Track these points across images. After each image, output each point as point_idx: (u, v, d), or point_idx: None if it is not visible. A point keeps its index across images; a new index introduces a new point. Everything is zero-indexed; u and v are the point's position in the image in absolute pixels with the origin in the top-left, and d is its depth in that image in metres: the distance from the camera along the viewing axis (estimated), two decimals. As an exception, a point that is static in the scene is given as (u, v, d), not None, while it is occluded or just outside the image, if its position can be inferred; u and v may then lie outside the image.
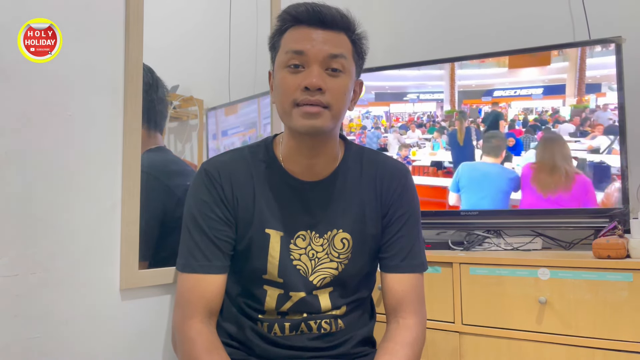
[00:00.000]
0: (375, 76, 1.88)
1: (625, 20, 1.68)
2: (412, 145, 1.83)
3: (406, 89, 1.85)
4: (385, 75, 1.89)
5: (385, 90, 1.89)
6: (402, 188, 1.07)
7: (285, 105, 0.95)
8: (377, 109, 1.88)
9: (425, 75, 1.82)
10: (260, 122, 1.56)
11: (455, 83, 1.76)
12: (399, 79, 1.87)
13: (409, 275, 1.04)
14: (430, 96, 1.81)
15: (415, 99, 1.83)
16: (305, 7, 0.95)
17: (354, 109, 1.14)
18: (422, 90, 1.83)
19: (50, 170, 0.96)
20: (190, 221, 1.00)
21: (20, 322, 0.90)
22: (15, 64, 0.91)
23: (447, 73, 1.78)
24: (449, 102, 1.77)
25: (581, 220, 1.52)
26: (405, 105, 1.84)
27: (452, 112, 1.76)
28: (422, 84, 1.83)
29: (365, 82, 1.81)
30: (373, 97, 1.88)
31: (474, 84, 1.74)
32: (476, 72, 1.75)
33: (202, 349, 0.92)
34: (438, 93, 1.79)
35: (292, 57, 0.94)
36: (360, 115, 1.90)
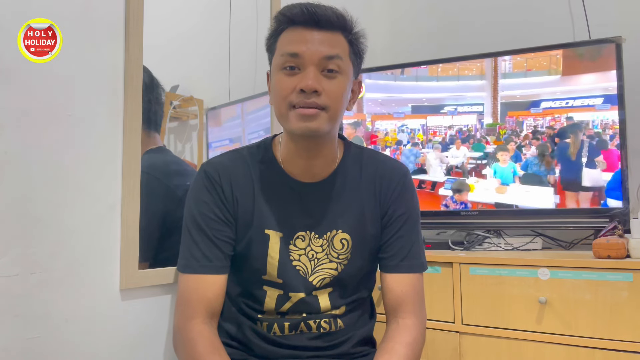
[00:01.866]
0: (412, 88, 1.80)
1: (625, 20, 1.68)
2: (457, 167, 1.66)
3: (443, 101, 1.74)
4: (423, 86, 1.80)
5: (422, 103, 1.78)
6: (401, 188, 1.07)
7: (282, 107, 0.95)
8: (413, 122, 1.78)
9: (464, 85, 1.72)
10: (245, 137, 1.51)
11: (498, 94, 1.64)
12: (436, 91, 1.77)
13: (409, 276, 1.04)
14: (468, 108, 1.69)
15: (454, 111, 1.71)
16: (300, 8, 0.94)
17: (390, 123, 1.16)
18: (459, 102, 1.72)
19: (50, 170, 0.96)
20: (190, 222, 1.00)
21: (20, 322, 0.90)
22: (15, 64, 0.91)
23: (489, 83, 1.66)
24: (490, 114, 1.66)
25: (581, 220, 1.52)
26: (443, 118, 1.72)
27: (495, 125, 1.64)
28: (461, 96, 1.72)
29: (402, 94, 1.79)
30: (410, 110, 1.79)
31: (519, 94, 1.62)
32: (521, 81, 1.62)
33: (203, 350, 0.92)
34: (477, 105, 1.67)
35: (288, 60, 0.94)
36: (396, 128, 1.80)
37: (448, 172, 1.71)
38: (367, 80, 1.84)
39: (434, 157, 1.70)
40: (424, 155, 1.74)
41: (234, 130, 1.51)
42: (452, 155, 1.69)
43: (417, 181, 1.75)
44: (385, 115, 1.83)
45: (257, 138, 1.49)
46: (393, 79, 1.84)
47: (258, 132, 1.54)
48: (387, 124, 1.82)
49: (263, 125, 1.54)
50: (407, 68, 1.82)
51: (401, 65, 1.82)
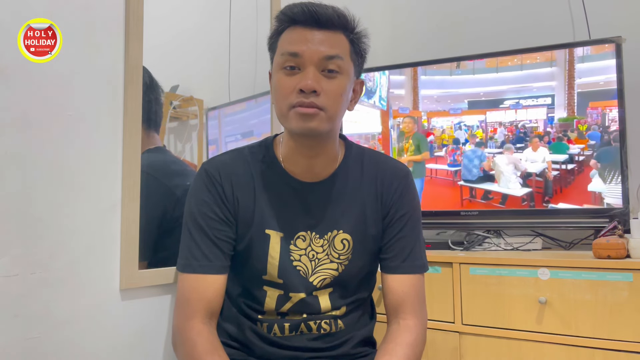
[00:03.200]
0: (466, 82, 1.65)
1: (625, 20, 1.68)
2: (537, 175, 1.41)
3: (504, 94, 1.57)
4: (479, 79, 1.65)
5: (479, 97, 1.63)
6: (402, 188, 1.07)
7: (283, 107, 0.95)
8: (471, 118, 1.61)
9: (529, 75, 1.51)
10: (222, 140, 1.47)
11: (575, 82, 1.39)
12: (495, 83, 1.60)
13: (410, 276, 1.04)
14: (533, 101, 1.47)
15: (517, 104, 1.51)
16: (301, 8, 0.94)
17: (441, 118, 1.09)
18: (522, 95, 1.52)
19: (50, 170, 0.96)
20: (190, 221, 1.00)
21: (20, 322, 0.90)
22: (15, 64, 0.91)
23: (562, 70, 1.40)
24: (564, 106, 1.42)
25: (581, 220, 1.52)
26: (505, 113, 1.54)
27: (571, 119, 1.41)
28: (525, 87, 1.52)
29: (458, 90, 1.66)
30: (466, 105, 1.65)
31: (602, 81, 1.35)
32: (604, 63, 1.35)
33: (203, 350, 0.92)
34: (544, 97, 1.45)
35: (288, 59, 0.94)
36: (452, 125, 1.66)
37: (524, 181, 1.49)
38: (422, 77, 1.76)
39: (506, 161, 1.45)
40: (489, 158, 1.53)
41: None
42: (527, 159, 1.45)
43: (482, 191, 1.56)
44: (441, 112, 1.73)
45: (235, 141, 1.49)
46: (449, 74, 1.72)
47: (235, 135, 1.52)
48: (443, 121, 1.72)
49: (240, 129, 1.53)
50: (463, 61, 1.71)
51: (402, 65, 1.82)
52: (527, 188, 1.54)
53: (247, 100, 1.52)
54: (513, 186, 1.55)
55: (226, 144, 1.48)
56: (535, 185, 1.50)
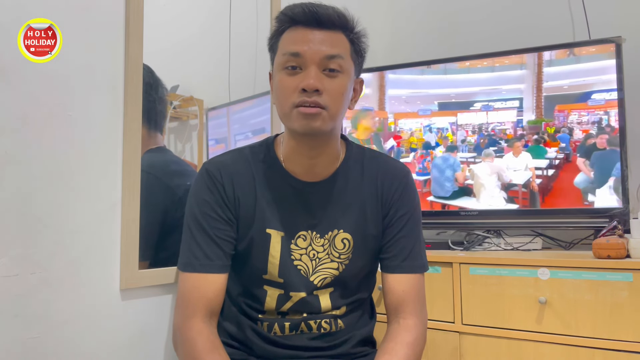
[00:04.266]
0: (437, 82, 1.60)
1: (625, 20, 1.68)
2: (524, 187, 1.36)
3: (475, 96, 1.54)
4: (449, 80, 1.60)
5: (449, 99, 1.58)
6: (403, 188, 1.07)
7: (285, 107, 0.95)
8: (441, 120, 1.56)
9: (500, 77, 1.50)
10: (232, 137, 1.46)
11: (543, 84, 1.41)
12: (466, 84, 1.57)
13: (410, 276, 1.04)
14: (502, 104, 1.46)
15: (488, 106, 1.49)
16: (302, 8, 0.95)
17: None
18: (492, 97, 1.49)
19: (50, 170, 0.96)
20: (191, 221, 1.00)
21: (20, 322, 0.90)
22: (15, 64, 0.91)
23: (531, 73, 1.42)
24: (532, 109, 1.43)
25: (581, 220, 1.52)
26: (476, 115, 1.51)
27: (540, 122, 1.41)
28: (495, 89, 1.50)
29: (428, 90, 1.60)
30: (436, 107, 1.60)
31: (567, 85, 1.38)
32: (570, 68, 1.38)
33: (203, 349, 0.92)
34: (512, 100, 1.45)
35: (289, 59, 0.94)
36: (421, 127, 1.59)
37: (507, 193, 1.43)
38: (389, 75, 1.71)
39: (488, 170, 1.35)
40: (464, 166, 1.46)
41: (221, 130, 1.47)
42: (509, 167, 1.38)
43: (455, 208, 1.49)
44: (409, 114, 1.65)
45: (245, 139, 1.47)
46: (419, 73, 1.67)
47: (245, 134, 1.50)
48: (411, 122, 1.65)
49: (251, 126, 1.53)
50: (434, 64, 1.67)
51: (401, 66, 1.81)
52: (513, 204, 1.48)
53: (257, 97, 1.51)
54: (496, 202, 1.47)
55: (236, 143, 1.46)
56: (522, 197, 1.44)
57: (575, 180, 1.47)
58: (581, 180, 1.47)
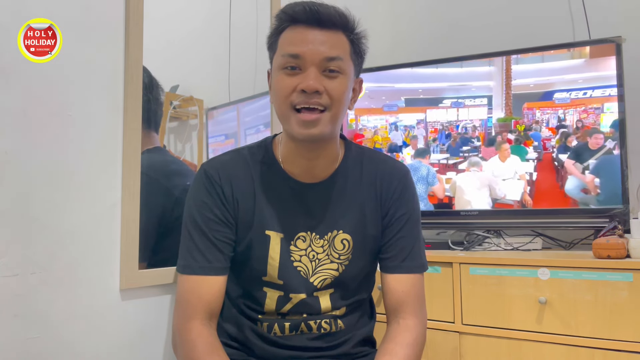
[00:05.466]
0: (405, 76, 1.49)
1: (625, 20, 1.68)
2: (518, 202, 1.28)
3: (443, 92, 1.46)
4: (419, 74, 1.50)
5: (417, 95, 1.48)
6: (402, 188, 1.07)
7: (283, 108, 0.94)
8: (408, 116, 1.45)
9: (469, 73, 1.44)
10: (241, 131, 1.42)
11: (512, 82, 1.37)
12: (435, 79, 1.48)
13: (410, 276, 1.04)
14: (471, 102, 1.40)
15: (458, 103, 1.42)
16: (303, 7, 0.94)
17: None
18: (461, 94, 1.42)
19: (50, 170, 0.96)
20: (190, 222, 1.00)
21: (20, 322, 0.90)
22: (15, 64, 0.91)
23: (499, 70, 1.38)
24: (501, 107, 1.39)
25: (581, 220, 1.52)
26: (446, 112, 1.43)
27: (509, 119, 1.37)
28: (464, 86, 1.43)
29: (394, 84, 1.49)
30: (403, 102, 1.48)
31: (532, 83, 1.36)
32: (538, 66, 1.35)
33: (202, 351, 0.92)
34: (480, 98, 1.40)
35: (289, 60, 0.93)
36: (387, 125, 1.47)
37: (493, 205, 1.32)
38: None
39: (477, 184, 1.20)
40: (441, 178, 1.37)
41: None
42: (497, 174, 1.28)
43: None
44: (373, 109, 1.52)
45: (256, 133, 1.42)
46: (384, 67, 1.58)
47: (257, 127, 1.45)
48: (375, 119, 1.52)
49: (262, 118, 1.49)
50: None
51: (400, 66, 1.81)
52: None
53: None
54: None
55: (246, 138, 1.40)
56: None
57: (566, 187, 1.44)
58: (574, 186, 1.43)
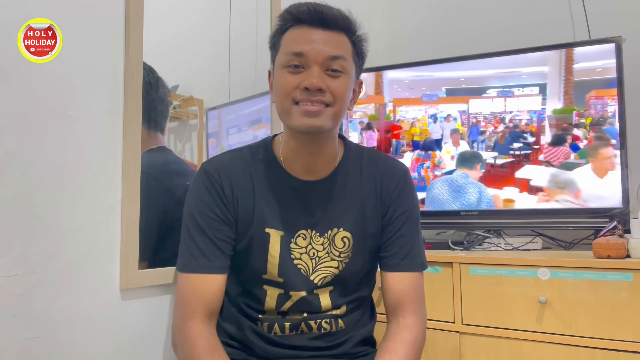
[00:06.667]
0: (444, 65, 1.35)
1: (625, 20, 1.68)
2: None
3: (488, 81, 1.31)
4: (461, 63, 1.37)
5: (459, 85, 1.35)
6: (401, 187, 1.07)
7: (285, 103, 0.95)
8: (449, 107, 1.32)
9: (517, 58, 1.28)
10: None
11: (573, 68, 1.17)
12: (480, 67, 1.34)
13: (409, 274, 1.04)
14: (520, 91, 1.22)
15: (507, 92, 1.27)
16: (307, 7, 0.95)
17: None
18: (508, 82, 1.25)
19: (50, 170, 0.96)
20: (190, 221, 1.00)
21: (20, 322, 0.90)
22: (15, 64, 0.91)
23: (558, 55, 1.21)
24: (559, 95, 1.22)
25: (581, 220, 1.52)
26: (492, 102, 1.28)
27: (569, 111, 1.19)
28: (513, 72, 1.28)
29: (434, 73, 1.38)
30: (444, 92, 1.36)
31: (600, 67, 1.18)
32: (605, 47, 1.16)
33: (202, 350, 0.92)
34: (531, 86, 1.23)
35: (292, 59, 0.94)
36: (426, 116, 1.34)
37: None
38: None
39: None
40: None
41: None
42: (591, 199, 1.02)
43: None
44: (411, 100, 1.40)
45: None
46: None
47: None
48: (414, 110, 1.40)
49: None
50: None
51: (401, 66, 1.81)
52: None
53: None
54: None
55: (228, 137, 1.39)
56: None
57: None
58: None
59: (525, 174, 1.31)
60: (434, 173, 1.36)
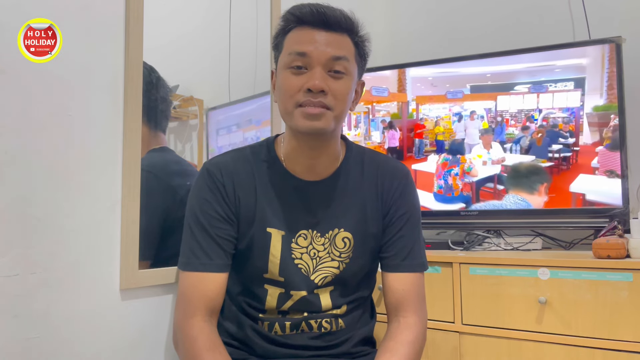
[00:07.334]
0: (469, 61, 1.26)
1: (625, 20, 1.68)
2: None
3: (516, 76, 1.22)
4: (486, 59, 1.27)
5: (485, 82, 1.27)
6: (403, 188, 1.07)
7: (288, 105, 0.95)
8: (475, 105, 1.23)
9: (549, 53, 1.12)
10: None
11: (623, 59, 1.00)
12: (506, 61, 1.25)
13: (410, 275, 1.04)
14: (553, 86, 1.10)
15: (543, 87, 1.15)
16: (310, 8, 0.95)
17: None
18: (538, 77, 1.12)
19: (50, 170, 0.96)
20: (192, 220, 1.01)
21: (20, 322, 0.90)
22: (15, 64, 0.91)
23: (599, 47, 1.04)
24: (601, 91, 1.11)
25: (581, 220, 1.52)
26: (522, 99, 1.17)
27: (613, 107, 1.08)
28: (545, 67, 1.17)
29: (458, 69, 1.29)
30: (468, 89, 1.27)
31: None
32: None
33: (203, 347, 0.92)
34: (565, 81, 1.11)
35: (295, 59, 0.94)
36: (450, 114, 1.26)
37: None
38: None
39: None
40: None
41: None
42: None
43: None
44: (434, 97, 1.33)
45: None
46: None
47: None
48: (438, 108, 1.34)
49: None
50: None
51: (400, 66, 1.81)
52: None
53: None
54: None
55: (217, 138, 1.39)
56: None
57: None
58: None
59: (580, 186, 1.12)
60: (463, 181, 1.22)
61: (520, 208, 1.58)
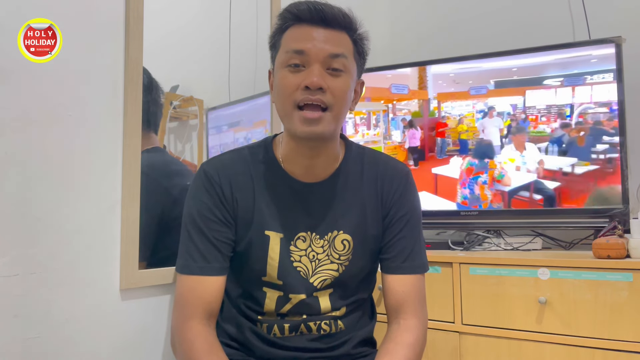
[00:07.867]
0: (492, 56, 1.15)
1: (625, 20, 1.68)
2: None
3: (545, 70, 1.12)
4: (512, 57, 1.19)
5: (510, 76, 1.20)
6: (403, 189, 1.07)
7: (286, 105, 0.94)
8: (501, 100, 1.14)
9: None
10: None
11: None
12: (535, 55, 1.16)
13: (410, 277, 1.04)
14: (590, 79, 0.99)
15: (579, 79, 1.06)
16: (307, 6, 0.94)
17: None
18: (570, 70, 1.02)
19: (50, 170, 0.96)
20: (189, 222, 1.00)
21: (20, 322, 0.90)
22: (15, 64, 0.91)
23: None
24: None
25: (581, 220, 1.52)
26: (555, 93, 1.08)
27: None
28: (577, 58, 1.05)
29: (481, 64, 1.22)
30: (492, 85, 1.21)
31: None
32: None
33: (201, 350, 0.92)
34: (602, 73, 1.00)
35: (293, 57, 0.93)
36: (473, 111, 1.18)
37: None
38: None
39: None
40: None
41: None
42: None
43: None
44: (456, 94, 1.25)
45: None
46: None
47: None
48: (460, 106, 1.27)
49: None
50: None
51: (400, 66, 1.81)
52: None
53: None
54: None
55: (208, 137, 1.39)
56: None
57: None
58: None
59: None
60: (493, 190, 1.10)
61: (520, 208, 1.58)
